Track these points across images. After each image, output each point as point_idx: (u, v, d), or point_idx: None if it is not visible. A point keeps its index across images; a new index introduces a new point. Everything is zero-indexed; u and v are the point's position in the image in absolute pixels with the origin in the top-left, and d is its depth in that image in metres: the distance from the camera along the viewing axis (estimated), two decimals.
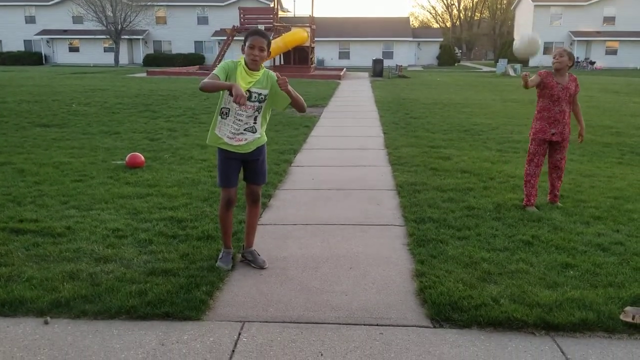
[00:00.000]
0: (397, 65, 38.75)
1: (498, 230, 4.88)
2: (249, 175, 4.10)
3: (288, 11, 57.30)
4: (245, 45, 3.73)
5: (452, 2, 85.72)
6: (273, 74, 3.88)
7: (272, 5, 49.69)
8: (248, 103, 3.79)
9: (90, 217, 5.15)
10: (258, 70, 3.81)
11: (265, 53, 3.76)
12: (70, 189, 6.17)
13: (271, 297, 3.66)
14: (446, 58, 58.17)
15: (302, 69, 33.16)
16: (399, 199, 5.93)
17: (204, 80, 3.61)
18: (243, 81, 3.74)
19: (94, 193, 5.99)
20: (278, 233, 4.91)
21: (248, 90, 3.76)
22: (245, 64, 3.76)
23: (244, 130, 3.88)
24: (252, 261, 4.15)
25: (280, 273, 4.03)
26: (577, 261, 4.17)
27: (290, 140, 9.68)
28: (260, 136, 4.01)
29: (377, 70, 33.86)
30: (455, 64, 59.09)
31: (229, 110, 3.84)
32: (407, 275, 4.00)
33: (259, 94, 3.84)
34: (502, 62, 39.32)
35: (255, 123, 3.92)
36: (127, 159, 7.39)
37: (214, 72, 3.70)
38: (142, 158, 7.43)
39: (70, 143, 9.17)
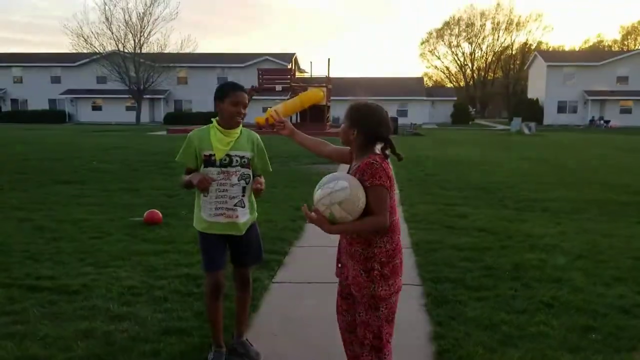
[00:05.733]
0: (411, 123, 39.20)
1: (517, 291, 4.78)
2: (237, 254, 3.56)
3: (305, 72, 58.72)
4: (223, 100, 3.30)
5: (465, 63, 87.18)
6: (255, 134, 3.51)
7: (289, 66, 51.15)
8: (230, 169, 3.33)
9: (107, 274, 5.15)
10: (235, 128, 3.38)
11: (246, 110, 3.38)
12: (87, 245, 6.20)
13: (286, 359, 3.58)
14: (460, 116, 58.72)
15: (318, 127, 33.64)
16: (415, 258, 5.87)
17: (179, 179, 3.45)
18: (220, 144, 3.33)
19: (110, 250, 6.02)
20: (293, 291, 4.86)
21: (227, 155, 3.33)
22: (219, 124, 3.36)
23: (234, 205, 3.37)
24: (243, 354, 3.57)
25: (295, 334, 3.95)
26: (598, 324, 4.05)
27: (306, 196, 9.70)
28: (251, 214, 3.51)
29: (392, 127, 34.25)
30: (470, 122, 59.54)
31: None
32: (424, 337, 3.90)
33: (242, 157, 3.37)
34: (516, 121, 39.57)
35: (243, 195, 3.41)
36: (145, 215, 7.45)
37: (176, 158, 3.41)
38: (160, 215, 7.49)
39: (89, 200, 9.29)
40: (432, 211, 8.47)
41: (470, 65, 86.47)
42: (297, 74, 46.59)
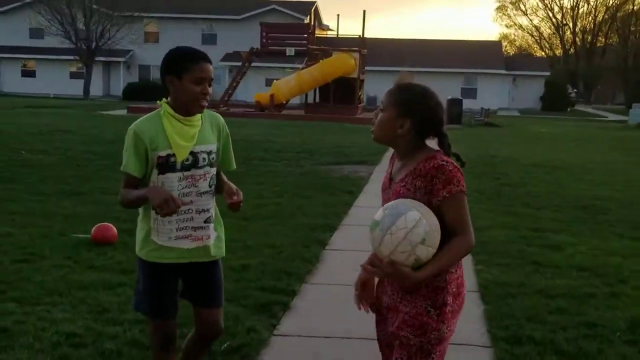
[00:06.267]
0: (482, 108, 39.04)
1: None
2: (205, 289, 3.49)
3: (330, 30, 58.93)
4: (180, 77, 3.18)
5: (564, 22, 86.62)
6: (218, 117, 3.49)
7: (306, 20, 51.27)
8: (196, 172, 3.29)
9: (37, 314, 5.19)
10: (197, 114, 3.31)
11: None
12: (10, 272, 6.27)
13: None
14: (555, 100, 58.35)
15: (345, 110, 33.67)
16: (484, 306, 5.85)
17: (120, 194, 3.39)
18: (182, 138, 3.24)
19: (43, 280, 6.07)
20: (303, 349, 4.87)
21: (191, 153, 3.27)
22: (173, 109, 3.26)
23: (204, 222, 3.36)
24: None
25: None
26: None
27: (325, 211, 9.71)
28: (217, 230, 3.49)
29: (453, 114, 34.07)
30: (568, 109, 59.20)
31: None
32: None
33: (209, 153, 3.34)
34: (638, 109, 39.18)
35: (211, 206, 3.43)
36: (93, 231, 7.50)
37: (123, 168, 3.34)
38: (114, 231, 7.54)
39: (13, 206, 9.38)
40: (511, 238, 8.44)
41: (571, 25, 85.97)
42: (318, 33, 46.73)
